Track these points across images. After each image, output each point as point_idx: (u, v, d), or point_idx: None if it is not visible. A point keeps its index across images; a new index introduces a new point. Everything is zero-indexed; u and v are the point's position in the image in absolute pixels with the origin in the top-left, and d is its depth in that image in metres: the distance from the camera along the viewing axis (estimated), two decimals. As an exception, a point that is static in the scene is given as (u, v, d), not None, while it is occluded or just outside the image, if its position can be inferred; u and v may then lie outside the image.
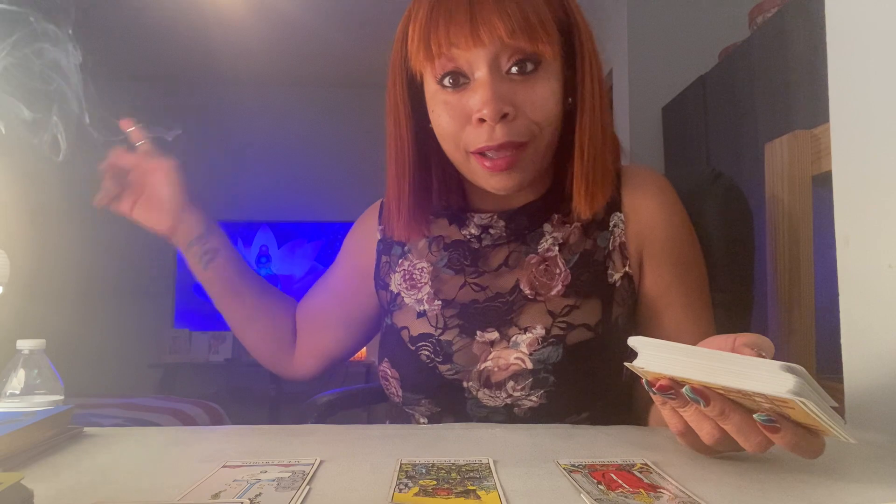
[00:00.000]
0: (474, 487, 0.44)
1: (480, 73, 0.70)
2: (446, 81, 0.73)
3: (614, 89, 3.06)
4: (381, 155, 0.84)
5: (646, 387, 0.48)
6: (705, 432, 0.48)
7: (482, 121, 0.70)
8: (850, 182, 0.71)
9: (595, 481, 0.45)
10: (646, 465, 0.49)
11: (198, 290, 4.06)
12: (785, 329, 0.96)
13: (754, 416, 0.44)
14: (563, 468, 0.48)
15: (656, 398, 0.49)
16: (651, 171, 0.85)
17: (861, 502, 0.42)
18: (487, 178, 0.75)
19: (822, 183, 0.87)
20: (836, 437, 0.44)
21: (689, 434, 0.50)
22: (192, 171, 0.84)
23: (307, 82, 4.25)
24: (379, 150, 0.85)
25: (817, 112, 1.51)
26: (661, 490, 0.43)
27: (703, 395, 0.45)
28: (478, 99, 0.70)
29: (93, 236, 3.73)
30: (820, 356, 0.92)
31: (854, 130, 0.71)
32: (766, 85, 1.91)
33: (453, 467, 0.48)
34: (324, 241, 4.08)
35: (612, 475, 0.46)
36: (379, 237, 0.92)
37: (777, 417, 0.44)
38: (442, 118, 0.74)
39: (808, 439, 0.45)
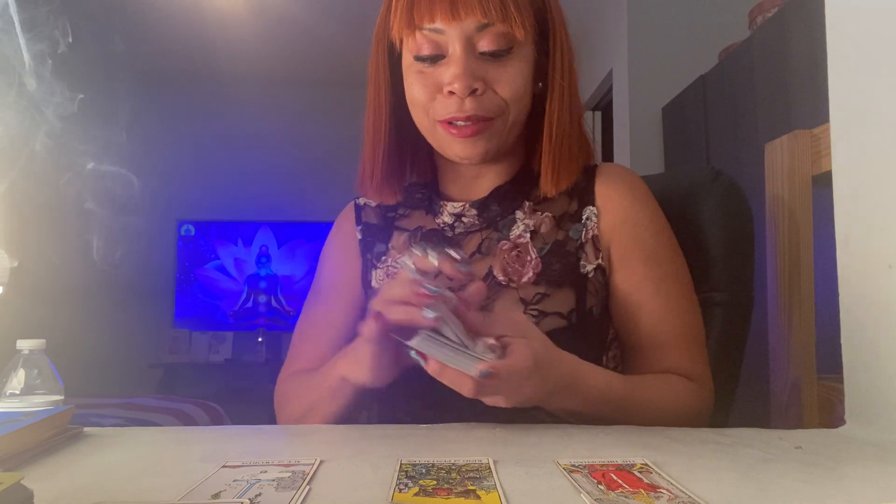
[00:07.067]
0: (474, 487, 0.44)
1: (455, 49, 0.75)
2: (424, 56, 0.76)
3: (614, 89, 3.06)
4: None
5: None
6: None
7: (452, 93, 0.75)
8: (850, 182, 0.71)
9: (595, 481, 0.45)
10: (646, 465, 0.49)
11: (198, 289, 4.07)
12: (785, 329, 0.95)
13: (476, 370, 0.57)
14: (563, 468, 0.48)
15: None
16: (625, 168, 0.87)
17: (861, 502, 0.42)
18: (453, 146, 0.78)
19: (822, 183, 0.87)
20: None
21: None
22: (193, 170, 0.84)
23: (309, 82, 4.24)
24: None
25: (817, 112, 1.51)
26: (661, 490, 0.43)
27: (422, 356, 0.59)
28: (450, 73, 0.74)
29: (92, 236, 3.73)
30: (820, 356, 0.92)
31: (854, 130, 0.71)
32: (766, 85, 1.91)
33: (453, 467, 0.48)
34: (324, 241, 4.07)
35: (612, 475, 0.46)
36: (359, 237, 0.92)
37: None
38: (415, 87, 0.78)
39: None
